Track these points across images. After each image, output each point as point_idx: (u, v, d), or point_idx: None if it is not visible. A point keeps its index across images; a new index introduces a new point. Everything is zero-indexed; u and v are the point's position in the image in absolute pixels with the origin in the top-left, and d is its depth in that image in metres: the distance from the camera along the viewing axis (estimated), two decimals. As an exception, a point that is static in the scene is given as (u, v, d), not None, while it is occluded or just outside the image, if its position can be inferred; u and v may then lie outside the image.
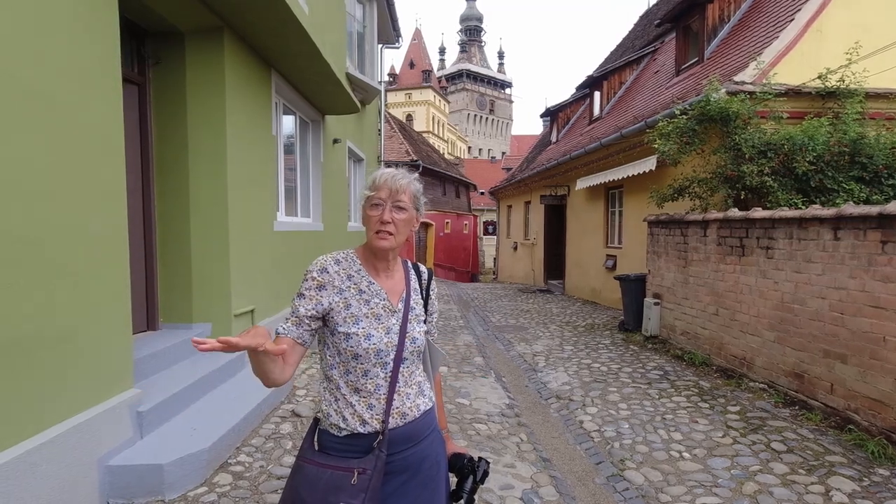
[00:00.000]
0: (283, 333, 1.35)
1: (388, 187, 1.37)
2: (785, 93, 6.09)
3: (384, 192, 1.37)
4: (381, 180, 1.39)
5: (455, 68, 77.00)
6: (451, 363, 5.61)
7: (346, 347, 1.34)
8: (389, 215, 1.36)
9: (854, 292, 3.67)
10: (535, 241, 15.12)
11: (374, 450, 1.32)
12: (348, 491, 1.27)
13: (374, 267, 1.44)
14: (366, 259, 1.44)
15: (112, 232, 2.66)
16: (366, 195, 1.40)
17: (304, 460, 1.36)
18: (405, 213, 1.39)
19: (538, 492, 2.95)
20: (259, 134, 4.74)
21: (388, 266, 1.45)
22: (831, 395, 3.85)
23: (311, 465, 1.33)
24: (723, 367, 5.17)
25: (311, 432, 1.42)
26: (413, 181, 1.43)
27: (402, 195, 1.38)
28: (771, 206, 5.30)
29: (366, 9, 9.61)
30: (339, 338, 1.35)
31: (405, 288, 1.47)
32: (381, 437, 1.34)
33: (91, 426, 2.42)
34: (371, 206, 1.38)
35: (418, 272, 1.56)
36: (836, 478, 3.01)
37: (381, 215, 1.36)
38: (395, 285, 1.45)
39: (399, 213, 1.38)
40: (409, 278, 1.51)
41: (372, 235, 1.38)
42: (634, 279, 7.13)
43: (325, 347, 1.41)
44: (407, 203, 1.39)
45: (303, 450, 1.39)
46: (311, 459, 1.35)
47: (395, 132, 22.49)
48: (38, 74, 2.19)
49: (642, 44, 14.18)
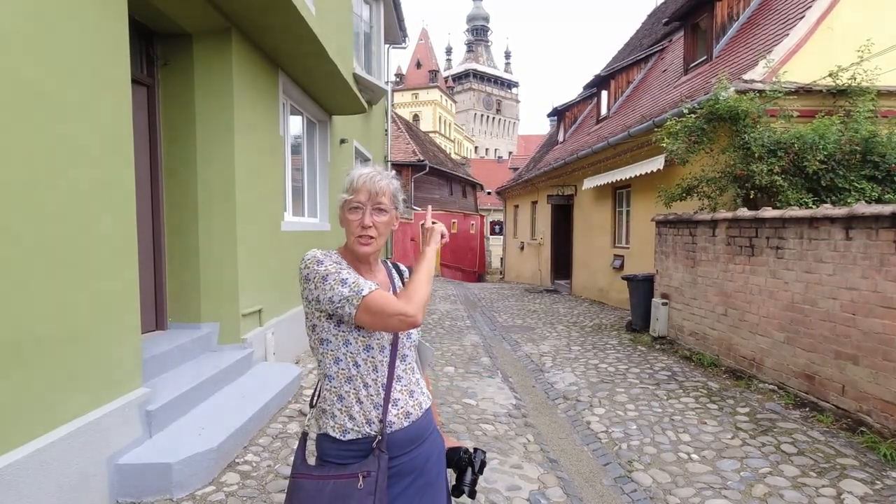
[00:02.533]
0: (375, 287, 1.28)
1: (367, 189, 1.33)
2: (795, 91, 6.02)
3: (363, 194, 1.33)
4: (360, 182, 1.34)
5: (462, 68, 77.01)
6: (457, 363, 5.60)
7: (358, 336, 1.31)
8: (370, 219, 1.32)
9: (866, 293, 3.63)
10: (542, 240, 15.07)
11: (373, 451, 1.29)
12: (356, 497, 1.23)
13: (357, 269, 1.41)
14: (348, 260, 1.41)
15: (121, 232, 2.68)
16: (343, 198, 1.35)
17: (300, 476, 1.30)
18: (386, 216, 1.36)
19: (545, 493, 2.93)
20: (267, 134, 4.76)
21: (371, 268, 1.44)
22: (843, 396, 3.80)
23: (310, 480, 1.28)
24: (732, 367, 5.12)
25: (301, 446, 1.37)
26: (392, 180, 1.39)
27: (381, 197, 1.34)
28: (781, 205, 5.25)
29: (372, 9, 9.63)
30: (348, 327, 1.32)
31: (390, 286, 1.47)
32: (379, 437, 1.30)
33: (101, 425, 2.43)
34: (350, 209, 1.34)
35: (399, 270, 1.57)
36: (848, 481, 2.97)
37: (362, 220, 1.32)
38: (380, 284, 1.43)
39: (380, 215, 1.34)
40: (392, 277, 1.51)
41: (353, 240, 1.35)
42: (642, 279, 7.09)
43: (324, 344, 1.36)
44: (387, 204, 1.36)
45: (295, 466, 1.34)
46: (308, 474, 1.30)
47: (402, 132, 22.53)
48: (48, 76, 2.21)
49: (650, 42, 14.10)
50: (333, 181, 7.05)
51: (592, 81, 14.11)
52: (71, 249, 2.32)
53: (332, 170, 6.98)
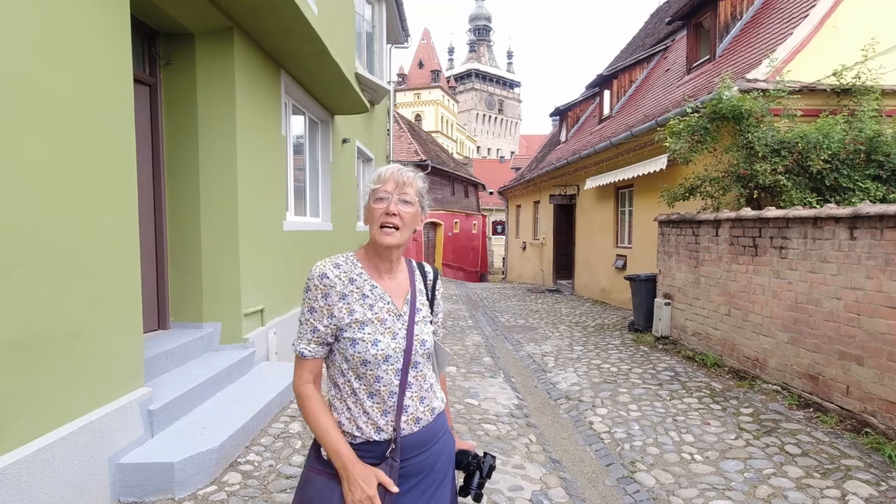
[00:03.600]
0: (310, 356, 1.34)
1: (395, 180, 1.35)
2: (799, 90, 6.00)
3: (390, 184, 1.35)
4: (388, 174, 1.36)
5: (464, 68, 76.96)
6: (459, 363, 5.60)
7: (354, 353, 1.30)
8: (395, 207, 1.33)
9: (871, 293, 3.60)
10: (545, 240, 15.06)
11: (387, 458, 1.30)
12: None
13: (377, 268, 1.39)
14: (368, 260, 1.40)
15: (123, 232, 2.68)
16: (371, 188, 1.37)
17: (314, 470, 1.33)
18: (411, 208, 1.36)
19: (547, 493, 2.92)
20: (269, 134, 4.76)
21: (392, 266, 1.41)
22: (847, 397, 3.78)
23: (323, 476, 1.30)
24: (735, 368, 5.10)
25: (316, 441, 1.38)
26: (418, 177, 1.41)
27: (408, 188, 1.36)
28: (784, 205, 5.23)
29: (375, 8, 9.63)
30: (345, 344, 1.32)
31: (410, 289, 1.43)
32: (393, 445, 1.31)
33: (102, 424, 2.43)
34: (376, 199, 1.35)
35: (423, 272, 1.51)
36: (853, 482, 2.95)
37: (387, 207, 1.33)
38: (398, 287, 1.41)
39: (405, 206, 1.35)
40: (413, 279, 1.46)
41: (376, 231, 1.34)
42: (645, 279, 7.07)
43: (330, 353, 1.37)
44: (413, 197, 1.36)
45: (310, 458, 1.36)
46: (322, 470, 1.31)
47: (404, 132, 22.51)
48: (50, 76, 2.20)
49: (653, 42, 14.06)
50: (335, 181, 7.05)
51: (595, 81, 14.11)
52: (73, 249, 2.32)
53: (334, 170, 6.98)
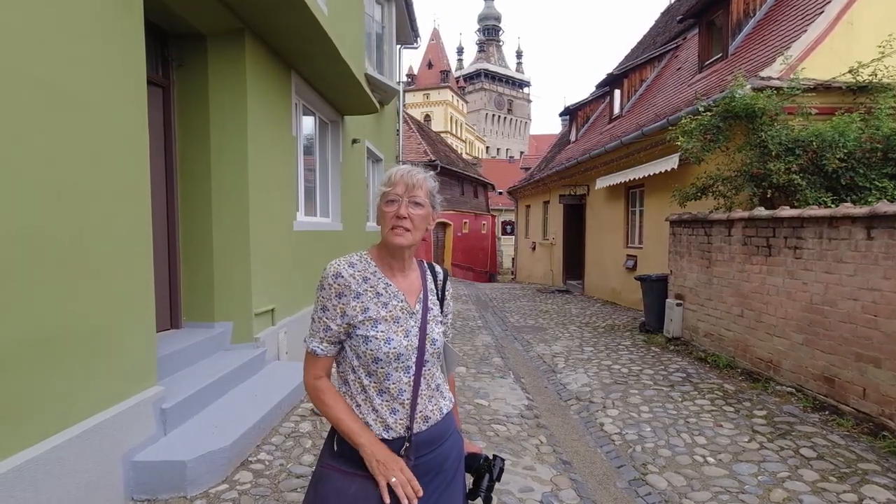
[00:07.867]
0: (323, 354, 1.36)
1: (405, 182, 1.36)
2: (814, 88, 5.91)
3: (400, 187, 1.35)
4: (398, 176, 1.37)
5: (473, 68, 76.91)
6: (469, 363, 5.59)
7: (366, 350, 1.32)
8: (406, 210, 1.34)
9: (888, 293, 3.54)
10: (554, 240, 14.99)
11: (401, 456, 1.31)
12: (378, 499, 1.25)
13: (390, 266, 1.41)
14: (381, 259, 1.41)
15: (137, 232, 2.71)
16: (381, 191, 1.38)
17: (328, 467, 1.33)
18: (422, 209, 1.37)
19: (558, 495, 2.90)
20: (279, 134, 4.79)
21: (404, 265, 1.43)
22: (864, 400, 3.71)
23: (338, 473, 1.31)
24: (748, 369, 5.04)
25: (331, 436, 1.39)
26: (429, 177, 1.41)
27: (418, 190, 1.36)
28: (799, 204, 5.15)
29: (384, 9, 9.64)
30: (357, 341, 1.33)
31: (422, 288, 1.45)
32: (407, 444, 1.32)
33: (116, 422, 2.46)
34: (387, 202, 1.36)
35: (433, 272, 1.53)
36: (870, 486, 2.90)
37: (398, 210, 1.34)
38: (411, 285, 1.43)
39: (416, 208, 1.36)
40: (425, 278, 1.48)
41: (388, 232, 1.36)
42: (656, 279, 7.01)
43: (341, 350, 1.38)
44: (423, 199, 1.37)
45: (324, 455, 1.37)
46: (337, 467, 1.32)
47: (414, 132, 22.55)
48: (65, 77, 2.23)
49: (664, 40, 13.94)
50: (345, 181, 7.07)
51: (605, 80, 14.00)
52: (87, 249, 2.35)
53: (343, 170, 7.01)
